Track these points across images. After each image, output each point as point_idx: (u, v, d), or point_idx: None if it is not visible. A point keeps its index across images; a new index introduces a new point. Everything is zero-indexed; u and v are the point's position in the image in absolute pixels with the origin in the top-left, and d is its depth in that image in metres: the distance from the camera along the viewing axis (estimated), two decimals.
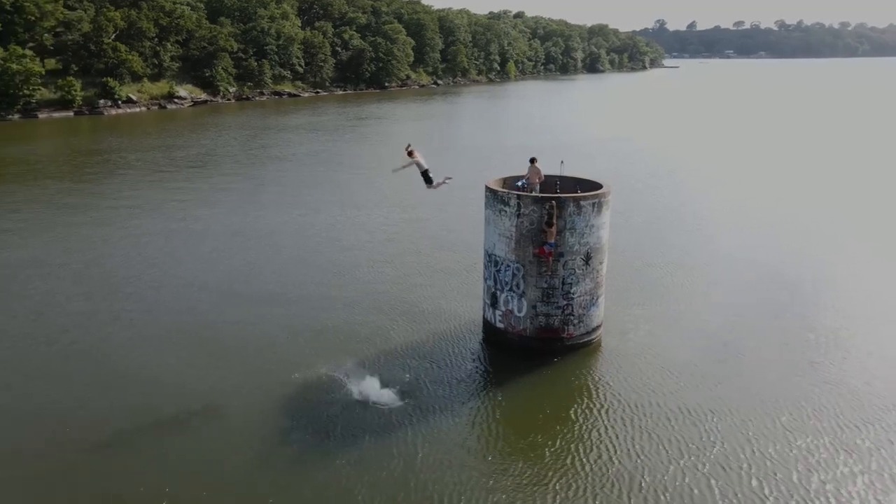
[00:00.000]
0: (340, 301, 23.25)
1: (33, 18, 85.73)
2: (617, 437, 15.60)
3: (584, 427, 16.07)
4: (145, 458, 14.66)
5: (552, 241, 18.51)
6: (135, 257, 28.52)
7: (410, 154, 18.47)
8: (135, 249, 29.71)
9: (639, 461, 14.69)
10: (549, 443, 15.33)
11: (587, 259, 19.20)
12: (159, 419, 16.10)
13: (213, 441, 15.24)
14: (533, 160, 20.61)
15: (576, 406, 16.98)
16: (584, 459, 14.77)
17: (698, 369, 18.81)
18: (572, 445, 15.27)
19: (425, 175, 18.56)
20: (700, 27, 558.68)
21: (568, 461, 14.70)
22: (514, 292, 19.47)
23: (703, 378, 18.33)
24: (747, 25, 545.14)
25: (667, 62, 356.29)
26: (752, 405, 16.90)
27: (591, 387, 18.03)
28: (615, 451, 15.06)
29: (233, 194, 41.81)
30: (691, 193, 42.33)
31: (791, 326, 21.87)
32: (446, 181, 19.32)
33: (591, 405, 17.04)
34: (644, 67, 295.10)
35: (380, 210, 37.45)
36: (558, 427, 15.99)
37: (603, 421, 16.30)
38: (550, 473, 14.27)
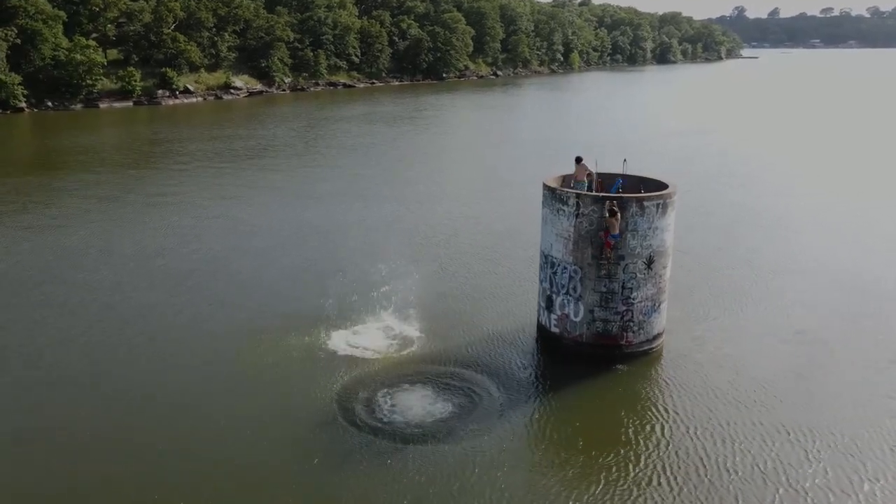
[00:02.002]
0: (393, 302, 23.91)
1: (97, 9, 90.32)
2: (707, 456, 15.08)
3: (669, 444, 15.55)
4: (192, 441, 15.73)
5: (616, 232, 18.60)
6: (197, 250, 29.97)
7: None
8: (197, 241, 31.21)
9: (731, 485, 14.14)
10: (632, 460, 14.94)
11: (649, 263, 19.23)
12: (218, 410, 17.13)
13: (263, 441, 15.88)
14: (578, 159, 20.67)
15: (659, 420, 16.59)
16: (672, 480, 14.27)
17: (782, 383, 18.33)
18: (658, 465, 14.79)
19: None
20: (783, 14, 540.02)
21: (655, 481, 14.27)
22: (570, 296, 19.66)
23: (789, 393, 17.81)
24: (836, 12, 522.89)
25: (745, 52, 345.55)
26: (856, 426, 16.16)
27: (670, 399, 17.59)
28: (706, 471, 14.52)
29: (293, 186, 43.30)
30: (769, 191, 41.41)
31: (879, 336, 21.29)
32: None
33: (676, 419, 16.60)
34: (720, 58, 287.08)
35: (440, 205, 38.15)
36: (641, 443, 15.62)
37: (691, 438, 15.80)
38: (635, 493, 13.91)
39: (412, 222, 34.62)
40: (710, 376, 18.79)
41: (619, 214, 18.43)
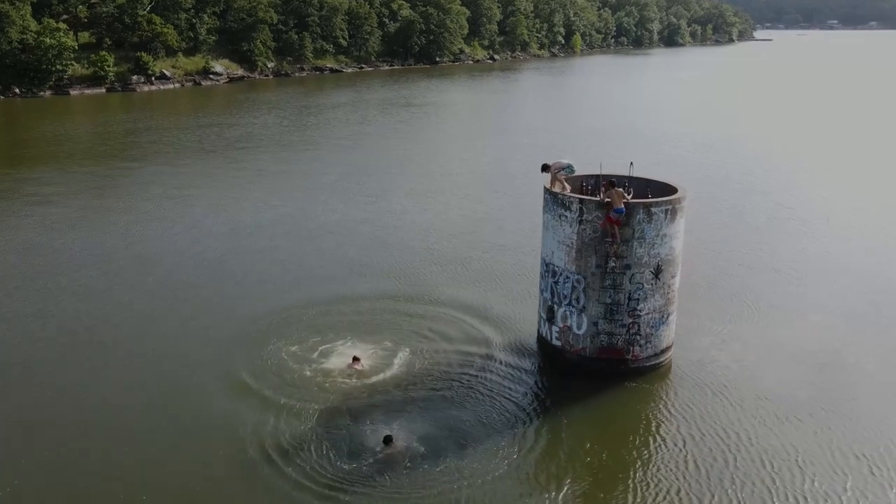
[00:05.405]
0: (387, 309, 23.97)
1: None
2: (778, 489, 14.56)
3: (724, 475, 15.10)
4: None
5: (620, 206, 18.33)
6: (195, 255, 29.85)
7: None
8: (196, 244, 31.12)
9: None
10: (656, 496, 14.59)
11: (657, 272, 19.14)
12: (212, 419, 17.39)
13: (255, 455, 16.06)
14: (544, 167, 20.45)
15: (679, 445, 16.32)
16: None
17: (817, 399, 18.17)
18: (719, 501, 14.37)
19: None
20: None
21: None
22: (573, 307, 19.58)
23: (831, 411, 17.62)
24: None
25: (758, 34, 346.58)
26: None
27: (683, 421, 17.29)
28: None
29: (291, 180, 43.58)
30: (786, 190, 41.36)
31: None
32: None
33: (700, 444, 16.30)
34: (731, 40, 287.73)
35: (439, 202, 38.36)
36: (685, 476, 15.20)
37: (761, 465, 15.45)
38: None
39: (412, 221, 34.79)
40: (722, 395, 18.42)
41: (616, 190, 18.32)
